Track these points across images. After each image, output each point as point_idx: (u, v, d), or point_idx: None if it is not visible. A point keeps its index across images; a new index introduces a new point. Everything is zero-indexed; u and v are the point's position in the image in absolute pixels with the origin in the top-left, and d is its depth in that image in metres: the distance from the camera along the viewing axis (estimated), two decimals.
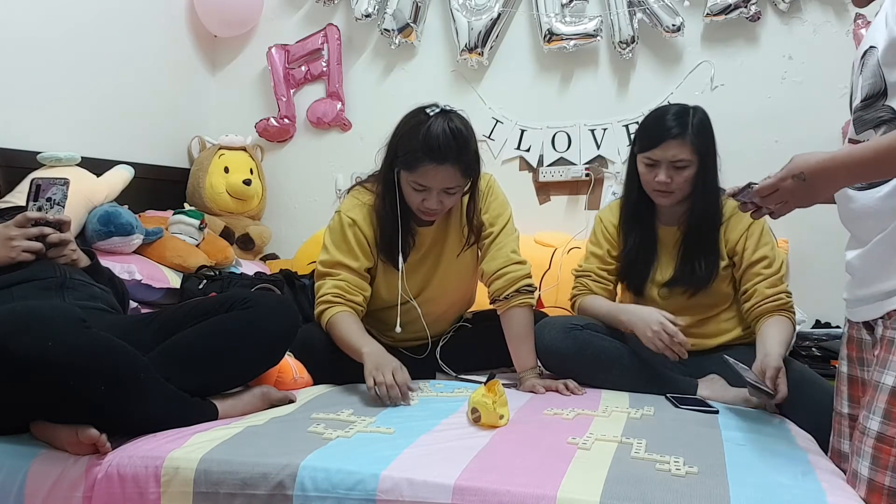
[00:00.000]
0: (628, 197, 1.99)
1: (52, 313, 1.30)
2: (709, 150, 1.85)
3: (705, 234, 1.89)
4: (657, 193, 1.88)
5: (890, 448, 1.17)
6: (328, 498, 1.19)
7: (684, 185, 1.85)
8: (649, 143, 1.85)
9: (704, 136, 1.84)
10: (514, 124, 2.89)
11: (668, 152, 1.82)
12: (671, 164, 1.83)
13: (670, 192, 1.86)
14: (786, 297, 1.85)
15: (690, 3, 2.62)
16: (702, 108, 1.89)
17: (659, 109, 1.92)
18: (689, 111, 1.86)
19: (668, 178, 1.83)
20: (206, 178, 2.91)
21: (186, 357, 1.48)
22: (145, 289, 2.22)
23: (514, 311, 1.89)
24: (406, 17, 2.88)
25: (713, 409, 1.65)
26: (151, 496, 1.26)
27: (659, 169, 1.84)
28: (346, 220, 1.89)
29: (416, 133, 1.74)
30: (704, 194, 1.87)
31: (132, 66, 2.80)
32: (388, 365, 1.67)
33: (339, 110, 3.08)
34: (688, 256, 1.91)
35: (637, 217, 1.97)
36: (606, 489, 1.13)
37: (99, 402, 1.30)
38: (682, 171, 1.83)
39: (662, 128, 1.83)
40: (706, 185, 1.86)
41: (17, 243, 1.59)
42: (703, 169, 1.84)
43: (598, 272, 2.00)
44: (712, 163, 1.87)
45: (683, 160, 1.82)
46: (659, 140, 1.82)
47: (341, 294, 1.87)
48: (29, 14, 2.37)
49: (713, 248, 1.89)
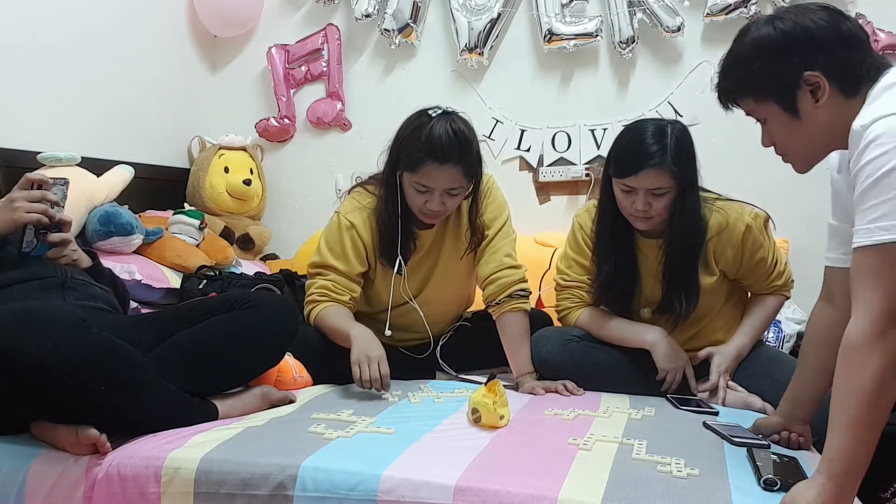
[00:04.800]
0: (603, 219, 1.85)
1: (52, 314, 1.29)
2: (688, 173, 1.72)
3: (687, 263, 1.78)
4: (635, 219, 1.76)
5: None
6: (329, 498, 1.19)
7: (663, 211, 1.73)
8: (625, 170, 1.71)
9: (683, 159, 1.70)
10: (514, 124, 2.89)
11: (645, 181, 1.69)
12: (649, 191, 1.70)
13: (649, 218, 1.74)
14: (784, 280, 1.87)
15: (690, 3, 2.62)
16: (680, 123, 1.76)
17: (634, 129, 1.76)
18: (667, 131, 1.70)
19: (645, 205, 1.71)
20: (206, 178, 2.90)
21: (187, 357, 1.48)
22: (145, 289, 2.21)
23: (507, 316, 1.89)
24: (406, 17, 2.88)
25: (713, 410, 1.65)
26: (152, 496, 1.26)
27: (636, 196, 1.71)
28: (344, 222, 1.89)
29: (419, 134, 1.75)
30: (683, 220, 1.75)
31: (132, 66, 2.80)
32: (374, 356, 1.69)
33: (339, 110, 3.08)
34: (667, 290, 1.81)
35: (613, 243, 1.84)
36: (608, 491, 1.13)
37: (99, 402, 1.30)
38: (660, 197, 1.71)
39: (638, 154, 1.69)
40: (685, 210, 1.74)
41: (19, 204, 1.52)
42: (681, 194, 1.72)
43: (588, 282, 1.91)
44: (692, 185, 1.75)
45: (662, 188, 1.70)
46: (635, 168, 1.69)
47: (327, 293, 1.87)
48: (29, 14, 2.37)
49: (693, 278, 1.79)
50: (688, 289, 1.79)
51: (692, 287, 1.79)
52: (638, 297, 1.87)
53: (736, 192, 1.89)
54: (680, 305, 1.79)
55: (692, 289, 1.79)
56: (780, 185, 2.26)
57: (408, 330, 1.99)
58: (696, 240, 1.78)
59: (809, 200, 2.38)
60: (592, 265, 1.90)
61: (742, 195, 1.87)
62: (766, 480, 1.17)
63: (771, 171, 1.96)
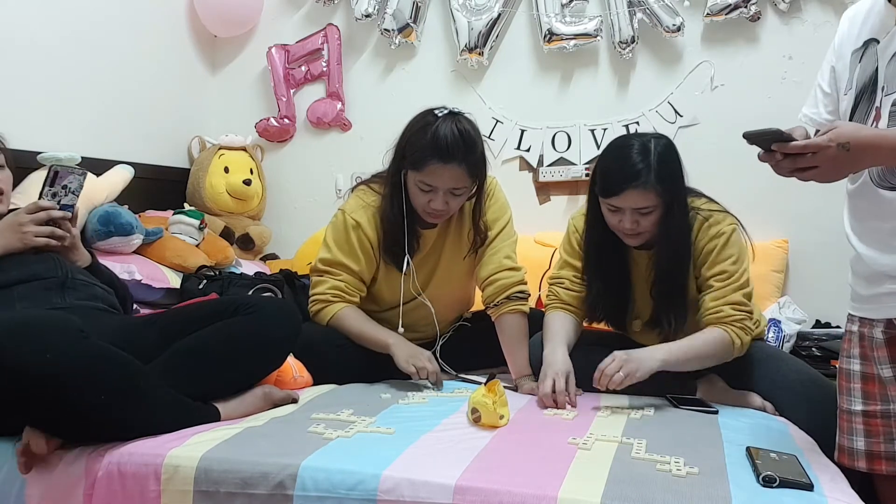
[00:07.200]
0: (591, 236, 1.84)
1: (49, 324, 1.29)
2: (674, 190, 1.70)
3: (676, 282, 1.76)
4: (624, 235, 1.75)
5: None
6: (329, 498, 1.19)
7: (652, 228, 1.72)
8: (610, 190, 1.69)
9: (668, 176, 1.68)
10: (514, 124, 2.89)
11: (630, 202, 1.67)
12: (635, 210, 1.69)
13: (637, 234, 1.73)
14: (729, 310, 1.70)
15: (690, 3, 2.62)
16: (665, 138, 1.74)
17: (618, 147, 1.74)
18: (650, 147, 1.68)
19: (632, 224, 1.70)
20: (206, 178, 2.91)
21: (190, 364, 1.49)
22: (145, 289, 2.21)
23: (505, 317, 1.90)
24: (406, 17, 2.88)
25: (713, 409, 1.65)
26: (151, 494, 1.26)
27: (623, 214, 1.70)
28: (350, 221, 1.89)
29: (425, 133, 1.76)
30: (670, 237, 1.73)
31: (132, 66, 2.80)
32: (421, 354, 1.83)
33: (339, 110, 3.08)
34: (657, 307, 1.80)
35: (600, 261, 1.83)
36: (607, 490, 1.13)
37: (100, 411, 1.30)
38: (647, 216, 1.69)
39: (622, 174, 1.67)
40: (671, 227, 1.72)
41: (27, 229, 1.63)
42: (668, 211, 1.70)
43: (572, 279, 1.90)
44: (679, 201, 1.72)
45: (647, 207, 1.68)
46: (619, 189, 1.67)
47: (340, 294, 1.88)
48: (29, 14, 2.37)
49: (681, 298, 1.76)
50: (676, 309, 1.76)
51: (680, 307, 1.76)
52: (631, 309, 1.86)
53: (735, 192, 1.89)
54: (669, 325, 1.77)
55: (680, 309, 1.76)
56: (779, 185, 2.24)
57: (410, 329, 1.99)
58: (684, 257, 1.76)
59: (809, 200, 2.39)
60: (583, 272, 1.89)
61: (742, 195, 1.88)
62: (765, 477, 1.18)
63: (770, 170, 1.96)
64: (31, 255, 1.66)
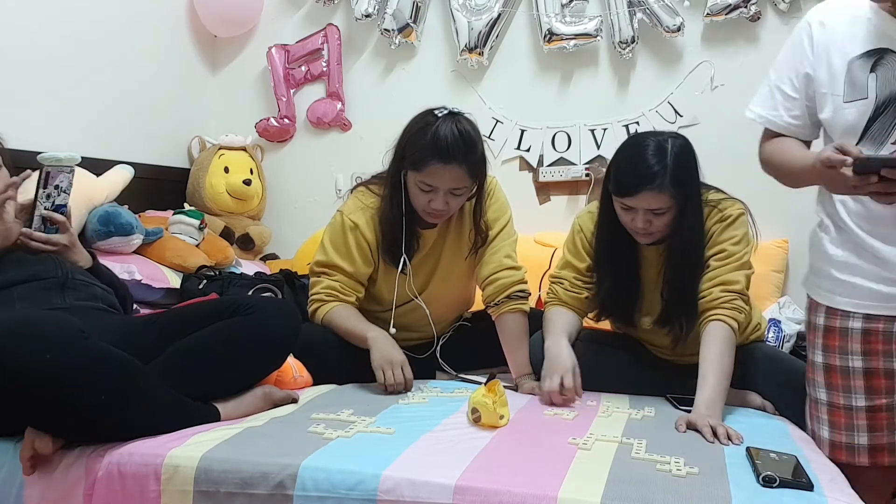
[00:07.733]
0: (601, 234, 1.82)
1: (49, 324, 1.29)
2: (689, 191, 1.69)
3: (687, 281, 1.73)
4: (636, 233, 1.73)
5: None
6: (329, 498, 1.19)
7: (664, 228, 1.71)
8: (623, 191, 1.68)
9: (684, 177, 1.66)
10: (514, 124, 2.89)
11: (644, 203, 1.66)
12: (649, 211, 1.67)
13: (650, 233, 1.71)
14: (717, 292, 1.67)
15: (690, 3, 2.62)
16: (682, 138, 1.71)
17: (634, 145, 1.72)
18: (667, 148, 1.66)
19: (645, 223, 1.69)
20: (206, 178, 2.91)
21: (190, 364, 1.48)
22: (145, 289, 2.21)
23: (506, 317, 1.90)
24: (406, 17, 2.88)
25: None
26: (151, 494, 1.26)
27: (636, 213, 1.69)
28: (348, 222, 1.89)
29: (425, 133, 1.76)
30: (683, 237, 1.71)
31: (132, 66, 2.80)
32: (397, 361, 1.77)
33: (339, 110, 3.08)
34: (667, 306, 1.77)
35: (612, 258, 1.81)
36: (607, 490, 1.13)
37: (100, 411, 1.30)
38: (661, 216, 1.68)
39: (637, 174, 1.65)
40: (684, 227, 1.71)
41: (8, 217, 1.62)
42: (681, 212, 1.69)
43: (573, 280, 1.89)
44: (693, 201, 1.71)
45: (661, 208, 1.66)
46: (633, 189, 1.65)
47: (334, 293, 1.88)
48: (29, 14, 2.37)
49: (693, 298, 1.72)
50: (688, 309, 1.73)
51: (692, 307, 1.73)
52: (640, 306, 1.84)
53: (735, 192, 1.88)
54: (681, 328, 1.75)
55: (692, 309, 1.73)
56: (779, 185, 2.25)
57: (409, 329, 1.99)
58: (696, 256, 1.74)
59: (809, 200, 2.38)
60: (588, 272, 1.88)
61: (742, 195, 1.86)
62: (765, 477, 1.18)
63: None
64: (30, 256, 1.66)
